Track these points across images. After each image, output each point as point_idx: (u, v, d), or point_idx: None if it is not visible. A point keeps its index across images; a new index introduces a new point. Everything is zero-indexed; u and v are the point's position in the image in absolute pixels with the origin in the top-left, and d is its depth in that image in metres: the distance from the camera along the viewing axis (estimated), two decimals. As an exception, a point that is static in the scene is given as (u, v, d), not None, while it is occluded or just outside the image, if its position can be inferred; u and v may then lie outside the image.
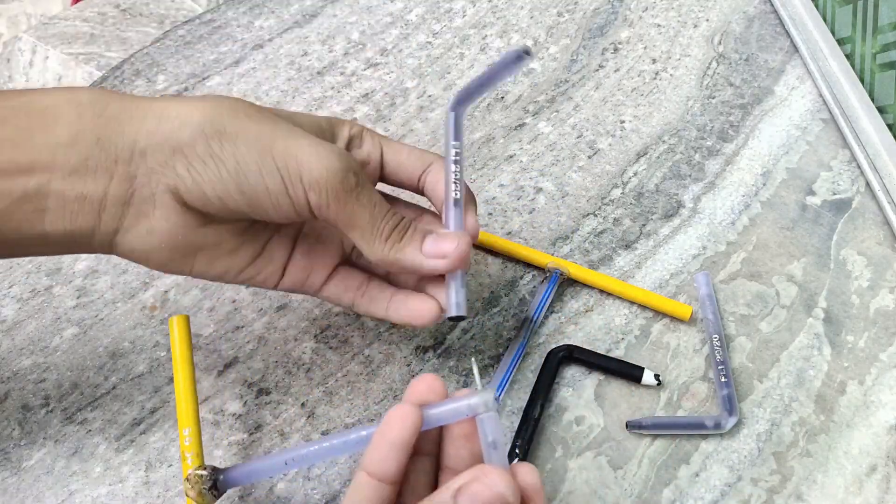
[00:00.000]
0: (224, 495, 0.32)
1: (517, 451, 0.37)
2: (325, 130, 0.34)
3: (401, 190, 0.38)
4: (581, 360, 0.41)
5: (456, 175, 0.35)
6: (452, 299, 0.34)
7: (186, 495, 0.32)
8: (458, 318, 0.35)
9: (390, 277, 0.38)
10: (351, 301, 0.37)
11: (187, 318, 0.37)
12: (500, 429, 0.29)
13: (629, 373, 0.40)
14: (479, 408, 0.28)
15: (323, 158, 0.31)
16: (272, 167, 0.30)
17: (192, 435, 0.35)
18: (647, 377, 0.40)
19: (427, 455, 0.31)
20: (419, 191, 0.37)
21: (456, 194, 0.35)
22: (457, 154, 0.35)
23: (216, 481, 0.31)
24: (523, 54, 0.34)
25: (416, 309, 0.35)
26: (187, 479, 0.31)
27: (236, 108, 0.31)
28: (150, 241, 0.31)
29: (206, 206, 0.31)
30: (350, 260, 0.38)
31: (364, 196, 0.32)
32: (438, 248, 0.33)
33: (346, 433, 0.30)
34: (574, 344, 0.41)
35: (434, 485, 0.31)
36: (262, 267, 0.35)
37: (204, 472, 0.31)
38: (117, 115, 0.30)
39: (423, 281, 0.37)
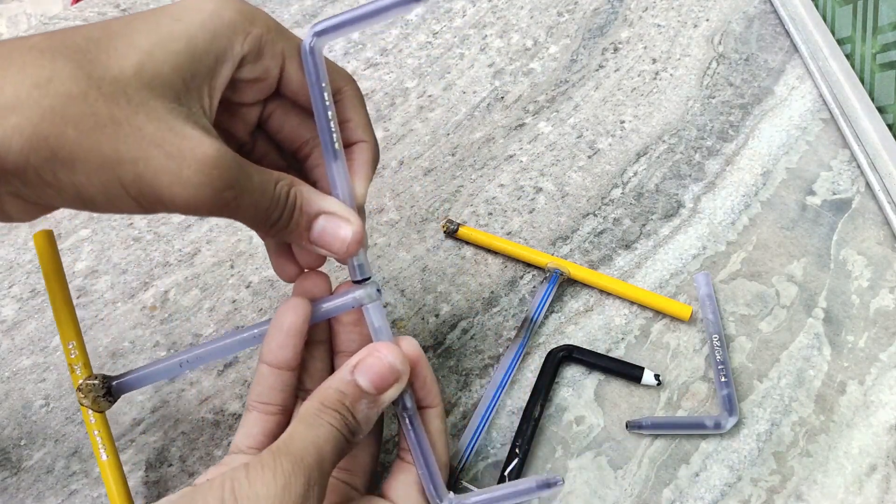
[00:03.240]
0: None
1: (517, 450, 0.37)
2: (198, 70, 0.26)
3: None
4: (581, 360, 0.41)
5: (333, 123, 0.30)
6: (356, 262, 0.32)
7: (81, 405, 0.32)
8: (365, 280, 0.33)
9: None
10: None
11: (50, 233, 0.37)
12: (383, 315, 0.32)
13: (629, 373, 0.40)
14: (364, 299, 0.32)
15: (188, 187, 0.25)
16: (122, 195, 0.25)
17: (77, 348, 0.35)
18: (647, 377, 0.40)
19: (321, 342, 0.34)
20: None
21: (336, 144, 0.30)
22: (328, 97, 0.30)
23: (109, 388, 0.32)
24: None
25: (282, 265, 0.34)
26: (79, 389, 0.32)
27: (64, 121, 0.23)
28: (4, 219, 0.27)
29: (53, 207, 0.27)
30: None
31: (246, 198, 0.27)
32: (328, 241, 0.30)
33: (239, 331, 0.32)
34: (573, 344, 0.41)
35: (330, 370, 0.34)
36: None
37: (95, 381, 0.32)
38: None
39: None
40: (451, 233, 0.46)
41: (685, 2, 0.61)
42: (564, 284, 0.44)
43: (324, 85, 0.30)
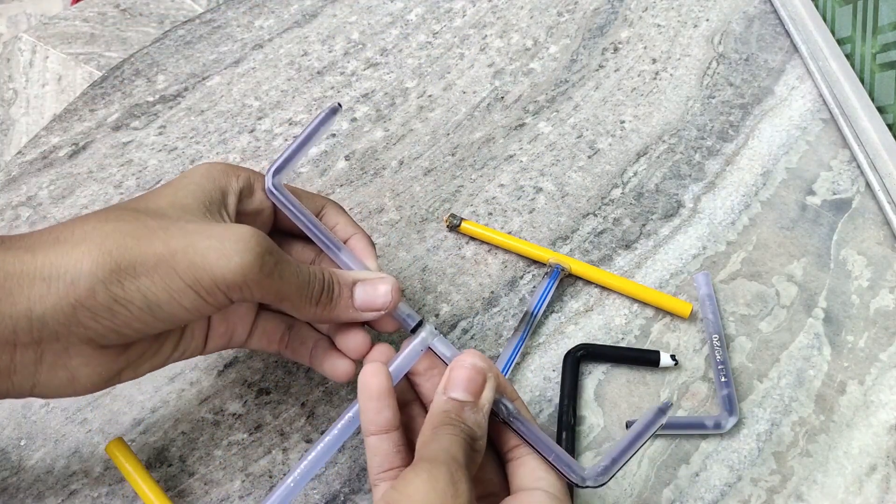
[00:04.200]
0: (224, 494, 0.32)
1: None
2: (213, 199, 0.33)
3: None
4: (598, 356, 0.41)
5: (320, 227, 0.35)
6: (403, 313, 0.35)
7: None
8: (418, 325, 0.35)
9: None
10: (276, 351, 0.37)
11: (121, 440, 0.37)
12: (448, 344, 0.34)
13: (647, 358, 0.40)
14: (428, 339, 0.34)
15: (233, 258, 0.29)
16: (182, 288, 0.29)
17: None
18: (665, 359, 0.40)
19: (411, 401, 0.35)
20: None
21: (333, 239, 0.36)
22: (306, 213, 0.35)
23: None
24: (335, 110, 0.36)
25: (333, 367, 0.36)
26: None
27: (123, 235, 0.29)
28: (73, 386, 0.30)
29: (124, 341, 0.30)
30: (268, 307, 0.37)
31: (285, 271, 0.31)
32: (370, 300, 0.34)
33: (331, 428, 0.33)
34: (572, 345, 0.41)
35: None
36: (185, 348, 0.34)
37: None
38: (2, 283, 0.27)
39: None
40: (454, 227, 0.46)
41: (685, 2, 0.61)
42: (565, 283, 0.44)
43: (296, 206, 0.35)
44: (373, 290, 0.34)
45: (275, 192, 0.35)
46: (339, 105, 0.36)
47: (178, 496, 0.37)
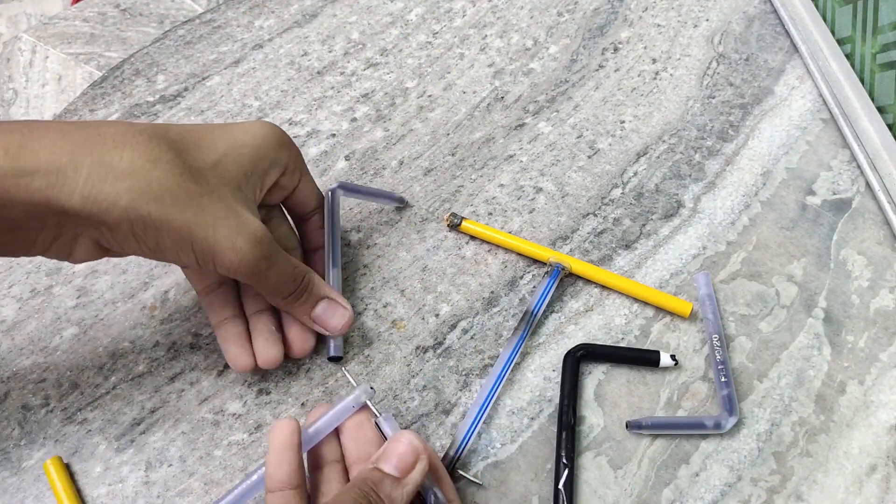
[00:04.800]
0: None
1: (564, 461, 0.37)
2: (256, 172, 0.36)
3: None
4: (598, 356, 0.41)
5: (337, 244, 0.42)
6: (331, 343, 0.40)
7: None
8: (337, 359, 0.41)
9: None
10: (197, 294, 0.40)
11: (59, 459, 0.37)
12: (394, 421, 0.35)
13: (647, 358, 0.40)
14: (362, 397, 0.35)
15: (241, 253, 0.33)
16: (190, 253, 0.33)
17: None
18: (665, 359, 0.40)
19: (334, 461, 0.35)
20: (304, 223, 0.43)
21: (337, 257, 0.42)
22: (336, 231, 0.42)
23: None
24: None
25: (237, 355, 0.38)
26: None
27: (163, 189, 0.31)
28: (60, 253, 0.33)
29: (122, 254, 0.34)
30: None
31: (273, 271, 0.35)
32: (325, 319, 0.39)
33: (239, 482, 0.33)
34: (572, 345, 0.41)
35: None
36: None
37: None
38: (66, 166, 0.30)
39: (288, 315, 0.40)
40: (455, 226, 0.46)
41: (685, 2, 0.61)
42: (565, 282, 0.44)
43: (335, 222, 0.42)
44: (332, 312, 0.39)
45: (332, 197, 0.42)
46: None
47: (179, 496, 0.37)
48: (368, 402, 0.36)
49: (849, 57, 0.55)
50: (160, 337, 0.42)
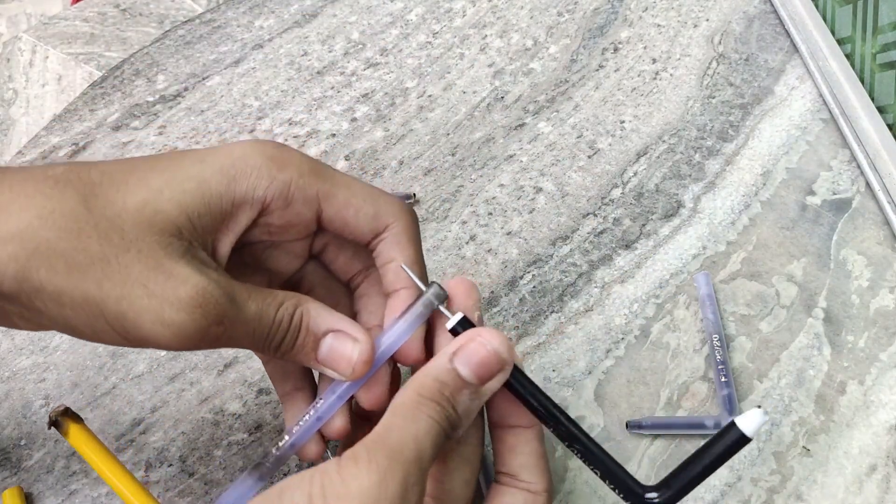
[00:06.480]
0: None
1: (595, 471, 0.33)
2: (206, 214, 0.27)
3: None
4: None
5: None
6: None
7: None
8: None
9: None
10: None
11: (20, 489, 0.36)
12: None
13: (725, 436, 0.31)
14: (437, 299, 0.29)
15: (169, 325, 0.25)
16: (108, 330, 0.25)
17: None
18: (753, 422, 0.30)
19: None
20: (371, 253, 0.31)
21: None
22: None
23: None
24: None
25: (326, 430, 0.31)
26: None
27: (53, 253, 0.24)
28: (7, 324, 0.27)
29: (70, 332, 0.27)
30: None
31: (239, 328, 0.26)
32: (333, 360, 0.28)
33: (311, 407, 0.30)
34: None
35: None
36: None
37: None
38: None
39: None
40: (56, 425, 0.34)
41: (685, 2, 0.61)
42: (565, 282, 0.44)
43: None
44: (339, 347, 0.28)
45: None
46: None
47: (179, 496, 0.37)
48: (441, 308, 0.29)
49: (849, 57, 0.55)
50: (160, 337, 0.42)
